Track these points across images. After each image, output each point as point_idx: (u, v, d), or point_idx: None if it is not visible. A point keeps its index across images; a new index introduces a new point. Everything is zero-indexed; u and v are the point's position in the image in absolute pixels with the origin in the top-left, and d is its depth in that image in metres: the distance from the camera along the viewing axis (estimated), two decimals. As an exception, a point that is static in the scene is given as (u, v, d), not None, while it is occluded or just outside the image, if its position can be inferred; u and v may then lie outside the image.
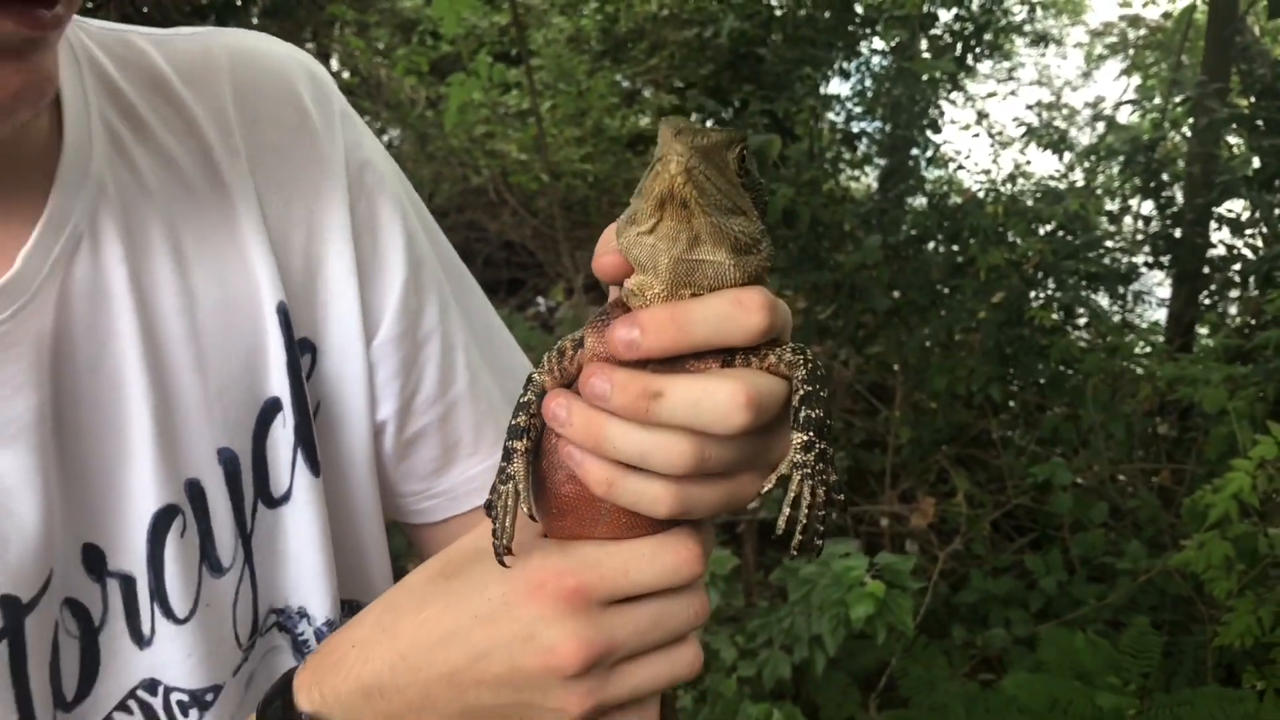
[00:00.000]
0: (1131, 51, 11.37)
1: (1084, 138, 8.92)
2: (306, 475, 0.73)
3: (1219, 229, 5.81)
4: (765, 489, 0.58)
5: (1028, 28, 9.43)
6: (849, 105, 8.61)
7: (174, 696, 0.69)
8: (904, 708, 2.63)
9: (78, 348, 0.65)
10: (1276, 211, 4.82)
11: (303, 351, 0.73)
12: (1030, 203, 4.41)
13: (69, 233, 0.64)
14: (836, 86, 8.65)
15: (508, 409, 0.68)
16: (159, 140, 0.70)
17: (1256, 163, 5.23)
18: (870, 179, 8.48)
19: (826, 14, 8.08)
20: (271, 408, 0.72)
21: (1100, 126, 9.08)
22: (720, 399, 0.53)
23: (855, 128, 8.29)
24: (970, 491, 3.79)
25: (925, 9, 7.70)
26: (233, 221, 0.70)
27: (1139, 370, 3.71)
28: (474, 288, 0.84)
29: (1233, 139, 5.94)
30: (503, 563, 0.57)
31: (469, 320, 0.81)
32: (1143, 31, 11.22)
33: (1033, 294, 3.85)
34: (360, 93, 6.59)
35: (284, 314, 0.71)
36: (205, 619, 0.69)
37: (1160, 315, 6.18)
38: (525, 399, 0.58)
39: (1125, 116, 9.00)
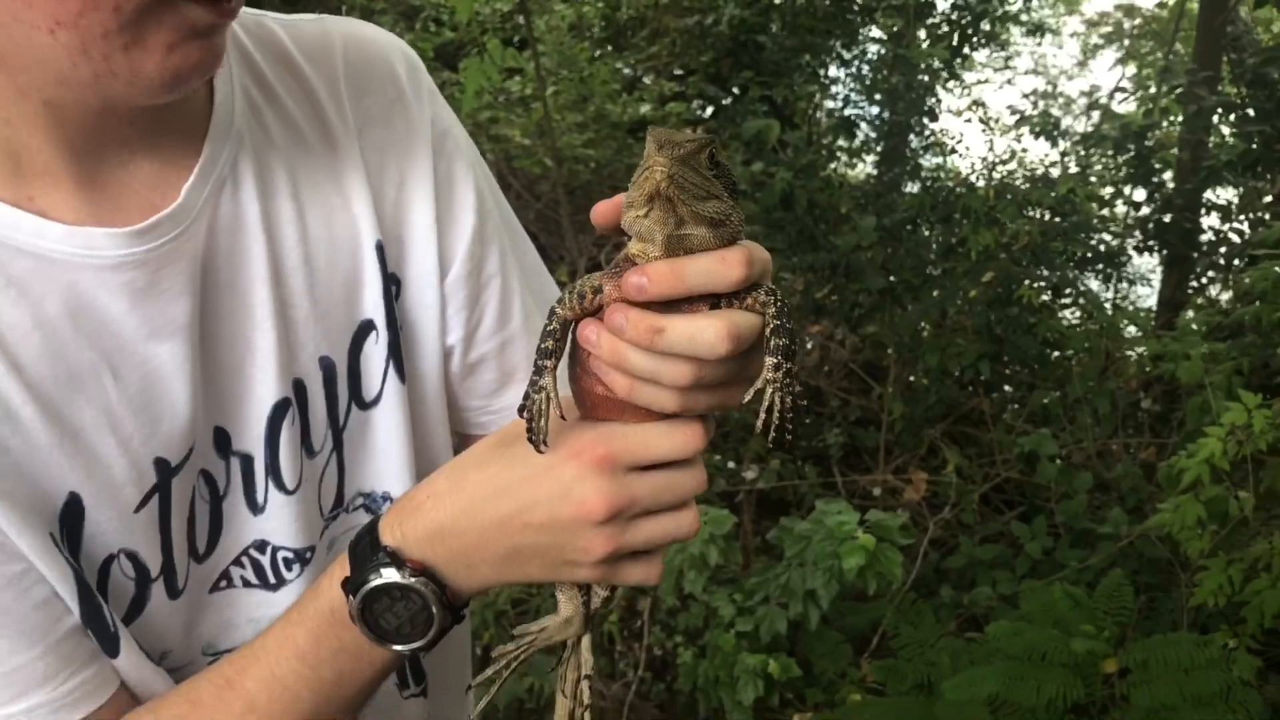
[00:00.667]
0: (1127, 41, 11.49)
1: (1079, 126, 9.02)
2: (396, 383, 0.88)
3: (1207, 214, 5.94)
4: (745, 399, 0.72)
5: (1024, 17, 9.52)
6: (847, 92, 8.73)
7: (280, 554, 0.85)
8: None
9: (220, 268, 0.80)
10: (1265, 198, 4.95)
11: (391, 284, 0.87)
12: (1023, 186, 4.54)
13: (216, 175, 0.80)
14: (835, 74, 8.77)
15: None
16: (284, 105, 0.85)
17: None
18: (868, 166, 8.60)
19: (826, 1, 8.19)
20: (366, 327, 0.87)
21: (1095, 115, 9.21)
22: (709, 335, 0.67)
23: (853, 114, 8.41)
24: (960, 465, 3.93)
25: (922, -2, 7.77)
26: (340, 174, 0.86)
27: (1129, 351, 3.84)
28: (530, 247, 0.99)
29: (1226, 128, 6.05)
30: (540, 451, 0.71)
31: (524, 271, 0.96)
32: (1138, 21, 11.35)
33: (1026, 275, 3.98)
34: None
35: (380, 251, 0.86)
36: (305, 491, 0.84)
37: (1155, 300, 6.32)
38: (551, 328, 0.73)
39: (1120, 104, 9.11)
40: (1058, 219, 4.19)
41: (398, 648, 0.75)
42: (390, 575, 0.73)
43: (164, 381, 0.77)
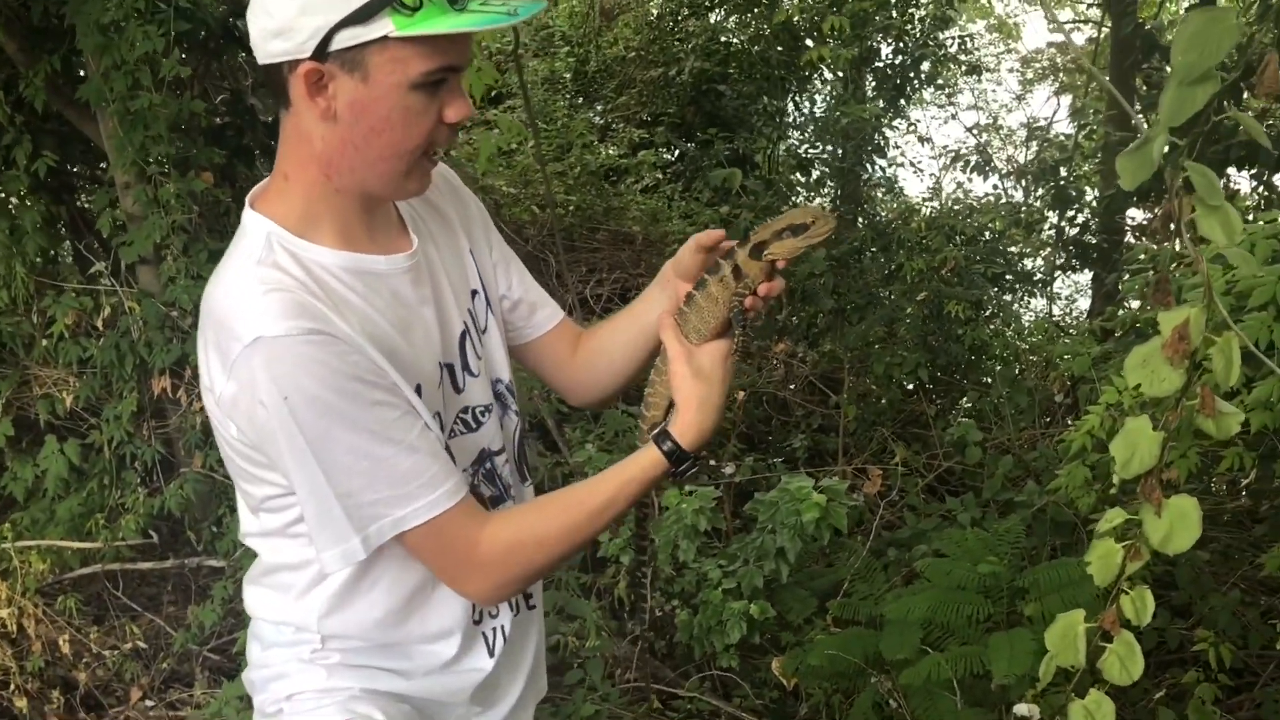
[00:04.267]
0: (1061, 75, 12.32)
1: (1021, 155, 9.77)
2: (492, 318, 1.60)
3: (1125, 235, 6.68)
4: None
5: (963, 58, 10.23)
6: (802, 134, 9.43)
7: (478, 410, 1.53)
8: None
9: (431, 270, 1.50)
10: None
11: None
12: (953, 218, 5.26)
13: (416, 230, 1.51)
14: (790, 116, 9.48)
15: (544, 294, 1.70)
16: (427, 208, 1.57)
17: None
18: (825, 200, 9.31)
19: (779, 49, 8.89)
20: (474, 292, 1.58)
21: (1034, 145, 9.97)
22: (783, 282, 1.41)
23: (809, 153, 9.11)
24: (906, 458, 4.61)
25: (868, 44, 8.45)
26: (451, 227, 1.59)
27: (1034, 355, 4.53)
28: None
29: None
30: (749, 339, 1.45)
31: (517, 260, 1.70)
32: (1070, 56, 12.17)
33: (952, 294, 4.68)
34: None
35: (474, 257, 1.60)
36: (482, 375, 1.54)
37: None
38: (739, 306, 1.45)
39: (1059, 131, 9.85)
40: (981, 244, 4.90)
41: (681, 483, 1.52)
42: (689, 460, 1.43)
43: (430, 325, 1.48)
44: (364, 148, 1.34)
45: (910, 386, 5.02)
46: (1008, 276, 5.04)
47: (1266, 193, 5.07)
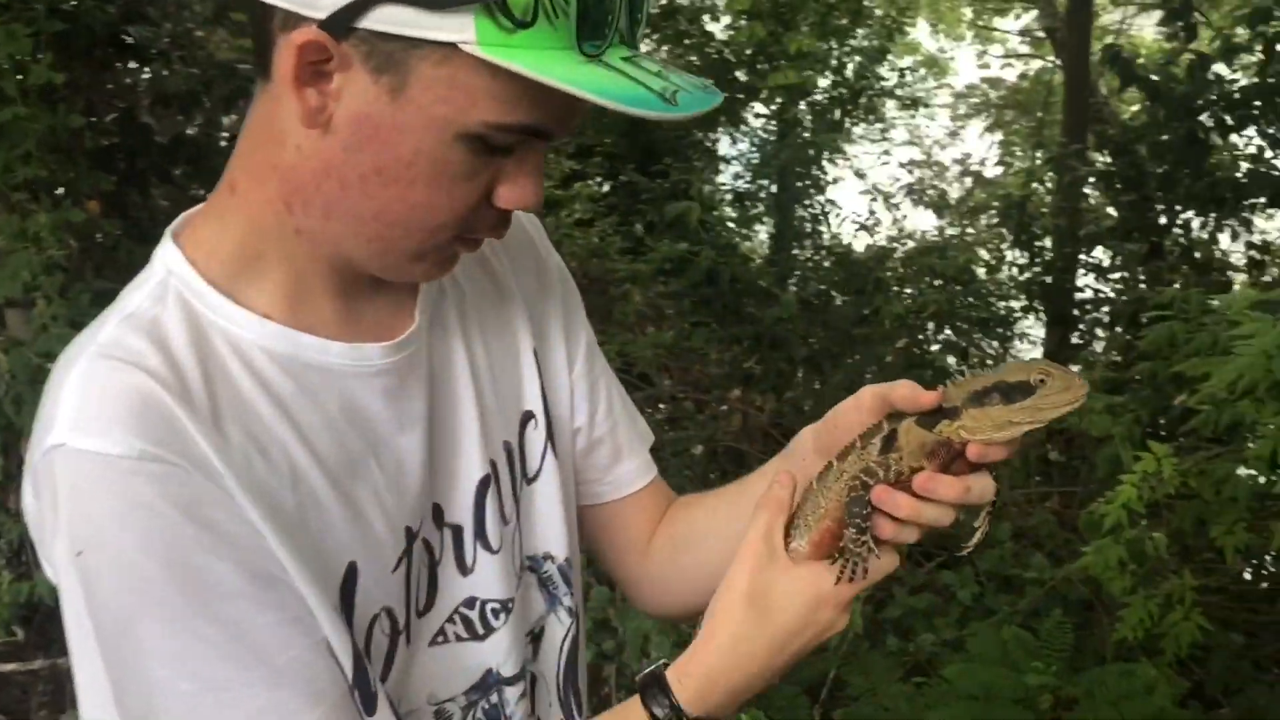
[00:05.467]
0: (994, 111, 12.22)
1: (954, 191, 9.59)
2: (552, 460, 1.06)
3: (1085, 275, 6.39)
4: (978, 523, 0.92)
5: (899, 92, 10.04)
6: (736, 166, 9.10)
7: (488, 606, 0.99)
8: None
9: (438, 374, 0.96)
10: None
11: None
12: (921, 257, 4.88)
13: (431, 303, 0.97)
14: (725, 149, 9.15)
15: (639, 430, 1.15)
16: (469, 267, 1.04)
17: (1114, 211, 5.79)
18: (761, 236, 8.96)
19: (710, 80, 8.54)
20: (527, 416, 1.05)
21: (968, 181, 9.77)
22: (989, 488, 0.88)
23: (743, 188, 8.77)
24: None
25: (804, 73, 8.16)
26: (505, 303, 1.06)
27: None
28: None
29: (1094, 194, 6.53)
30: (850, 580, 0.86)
31: (610, 374, 1.17)
32: (1003, 92, 12.10)
33: (933, 341, 4.29)
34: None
35: (538, 360, 1.06)
36: (504, 552, 1.00)
37: (1037, 356, 6.73)
38: (866, 498, 0.87)
39: (991, 172, 9.67)
40: (958, 287, 4.53)
41: None
42: None
43: (409, 464, 0.93)
44: (355, 192, 0.81)
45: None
46: (984, 318, 4.67)
47: None
